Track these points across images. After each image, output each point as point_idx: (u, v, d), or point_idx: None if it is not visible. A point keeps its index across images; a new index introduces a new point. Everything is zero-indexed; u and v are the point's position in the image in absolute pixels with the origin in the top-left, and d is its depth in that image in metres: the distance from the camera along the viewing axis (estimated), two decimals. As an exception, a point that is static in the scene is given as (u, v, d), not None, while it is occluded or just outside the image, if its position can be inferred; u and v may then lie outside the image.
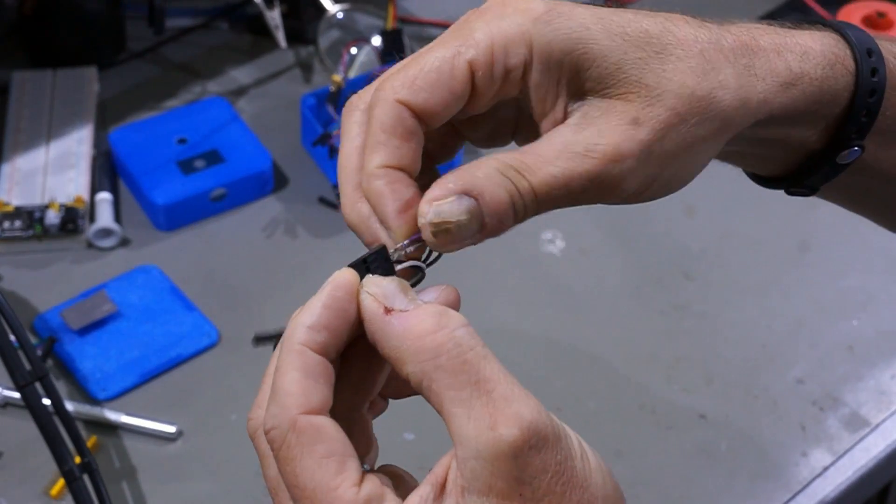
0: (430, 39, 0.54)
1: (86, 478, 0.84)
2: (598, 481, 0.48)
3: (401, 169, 0.52)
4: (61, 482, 0.88)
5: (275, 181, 1.12)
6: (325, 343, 0.49)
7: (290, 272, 1.06)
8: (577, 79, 0.52)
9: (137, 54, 1.24)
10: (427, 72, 0.52)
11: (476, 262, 0.95)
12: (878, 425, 0.96)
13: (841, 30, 0.59)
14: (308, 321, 0.49)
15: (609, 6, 0.54)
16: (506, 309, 1.03)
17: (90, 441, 0.92)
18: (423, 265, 0.52)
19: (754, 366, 1.00)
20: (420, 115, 0.52)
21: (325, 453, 0.47)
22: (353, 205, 0.53)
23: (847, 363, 1.00)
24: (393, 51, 1.16)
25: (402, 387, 0.51)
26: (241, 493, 0.90)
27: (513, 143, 0.59)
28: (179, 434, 0.93)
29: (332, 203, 1.10)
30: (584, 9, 0.53)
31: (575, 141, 0.52)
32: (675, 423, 0.96)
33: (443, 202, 0.50)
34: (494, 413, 0.46)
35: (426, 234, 0.51)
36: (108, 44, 1.22)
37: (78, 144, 1.10)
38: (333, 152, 1.08)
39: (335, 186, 1.10)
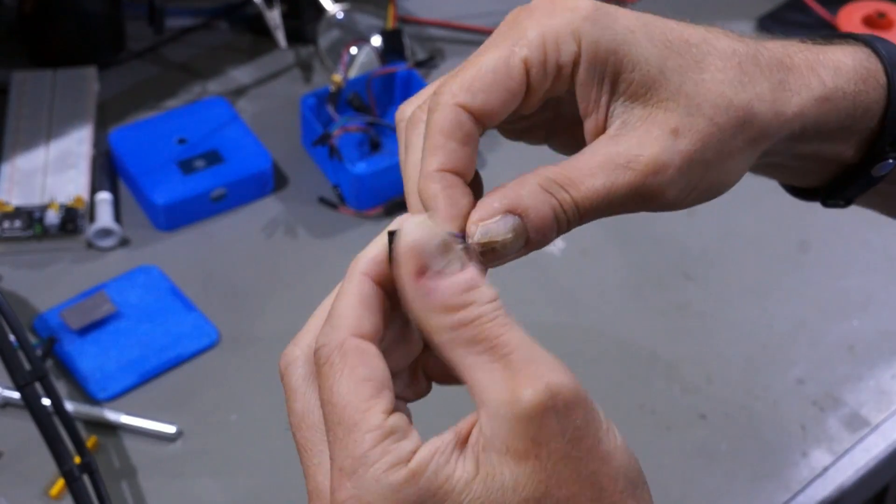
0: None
1: (86, 478, 0.84)
2: (622, 460, 0.48)
3: (457, 173, 0.53)
4: (61, 482, 0.88)
5: (275, 181, 1.12)
6: (380, 273, 0.50)
7: (290, 272, 1.06)
8: (618, 80, 0.53)
9: (137, 54, 1.24)
10: (484, 73, 0.52)
11: (476, 262, 0.95)
12: (878, 425, 0.96)
13: (871, 44, 0.59)
14: (372, 252, 0.50)
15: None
16: (505, 309, 1.03)
17: (90, 441, 0.92)
18: None
19: (754, 366, 1.00)
20: (479, 117, 0.53)
21: (364, 377, 0.48)
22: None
23: (847, 363, 1.00)
24: (393, 51, 1.16)
25: (447, 370, 0.52)
26: (241, 493, 0.90)
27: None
28: (179, 434, 0.93)
29: (332, 203, 1.10)
30: (628, 12, 0.54)
31: (616, 153, 0.52)
32: (675, 423, 0.96)
33: (489, 222, 0.52)
34: (514, 376, 0.47)
35: (473, 254, 0.52)
36: (108, 44, 1.22)
37: (78, 144, 1.10)
38: (334, 152, 1.08)
39: (335, 187, 1.10)
